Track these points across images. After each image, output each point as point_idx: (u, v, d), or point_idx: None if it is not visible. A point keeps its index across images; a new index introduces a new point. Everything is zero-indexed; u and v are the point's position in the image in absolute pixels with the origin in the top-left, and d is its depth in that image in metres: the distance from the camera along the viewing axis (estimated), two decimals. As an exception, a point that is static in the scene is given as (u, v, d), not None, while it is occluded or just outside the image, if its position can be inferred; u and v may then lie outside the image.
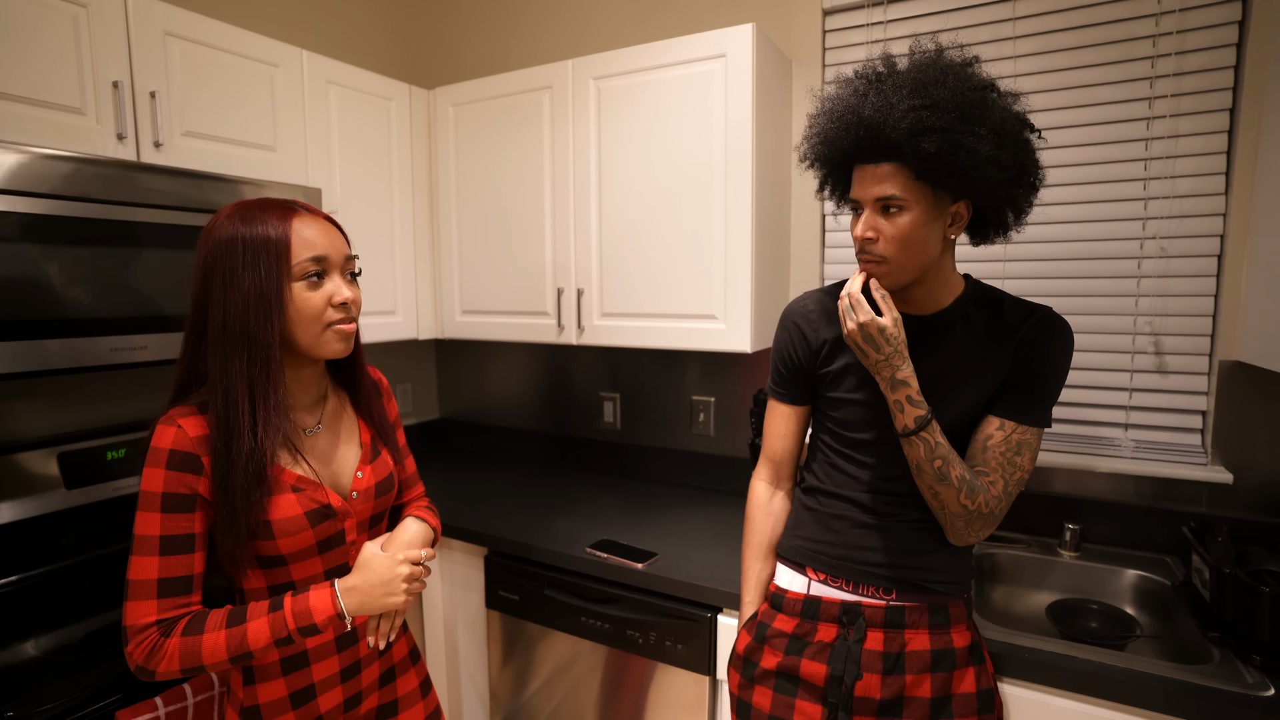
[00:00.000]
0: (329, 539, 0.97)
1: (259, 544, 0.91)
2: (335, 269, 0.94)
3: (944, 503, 1.00)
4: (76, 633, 1.23)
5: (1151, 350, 1.51)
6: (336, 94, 1.76)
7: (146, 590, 0.86)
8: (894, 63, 0.98)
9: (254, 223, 0.89)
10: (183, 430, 0.87)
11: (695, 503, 1.91)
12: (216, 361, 0.88)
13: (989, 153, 0.90)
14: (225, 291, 0.87)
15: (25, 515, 1.39)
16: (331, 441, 1.02)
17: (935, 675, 1.03)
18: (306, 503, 0.93)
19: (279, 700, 0.96)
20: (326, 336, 0.93)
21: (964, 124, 0.90)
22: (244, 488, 0.87)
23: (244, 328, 0.87)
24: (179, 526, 0.87)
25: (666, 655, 1.45)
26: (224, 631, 0.87)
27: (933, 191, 0.95)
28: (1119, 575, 1.47)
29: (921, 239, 0.97)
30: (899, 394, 0.98)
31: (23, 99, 1.20)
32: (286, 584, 0.95)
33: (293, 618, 0.88)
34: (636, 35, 2.01)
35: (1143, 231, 1.50)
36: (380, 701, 1.08)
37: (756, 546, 1.19)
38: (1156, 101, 1.45)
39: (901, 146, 0.92)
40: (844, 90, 1.00)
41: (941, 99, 0.91)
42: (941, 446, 0.98)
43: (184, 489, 0.87)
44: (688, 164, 1.63)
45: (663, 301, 1.71)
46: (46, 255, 1.17)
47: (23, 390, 1.47)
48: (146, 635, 0.85)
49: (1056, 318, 1.02)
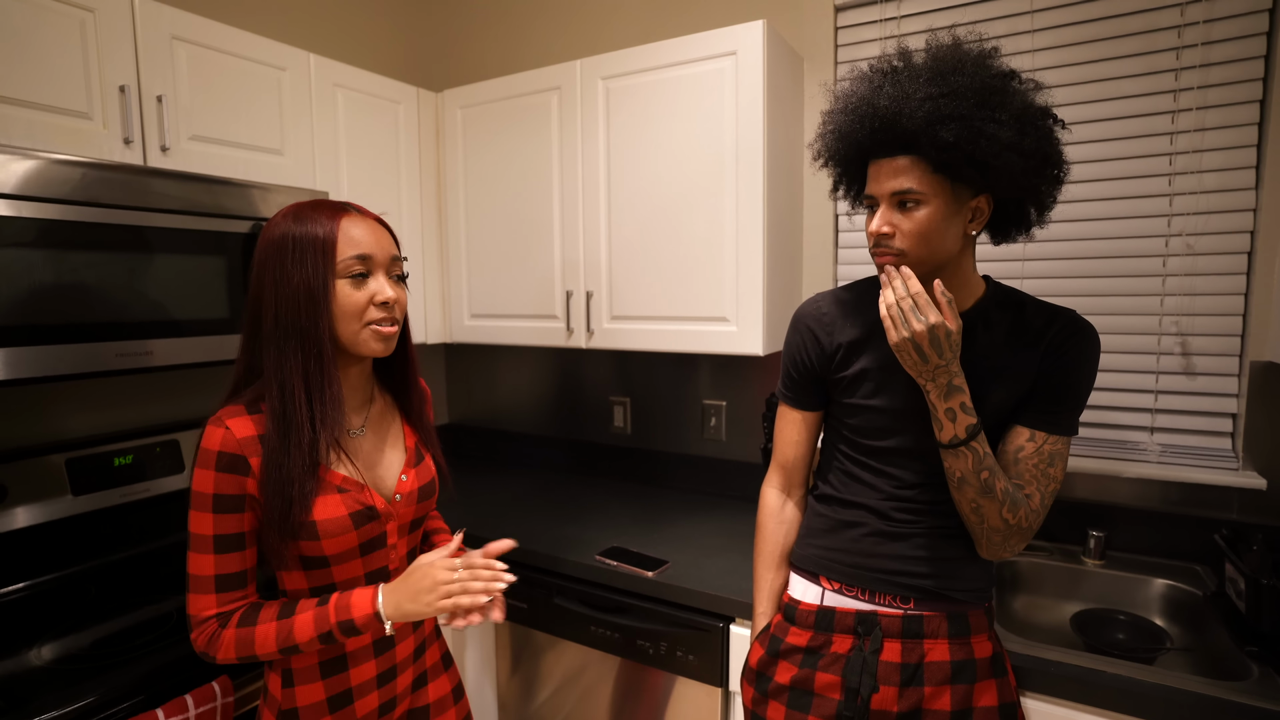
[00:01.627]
0: (371, 541, 0.98)
1: (303, 544, 0.92)
2: (380, 269, 0.95)
3: (984, 516, 0.96)
4: (84, 640, 1.22)
5: (1178, 351, 1.46)
6: (344, 97, 1.75)
7: (206, 585, 0.91)
8: (910, 55, 0.95)
9: (305, 221, 0.91)
10: (230, 432, 0.90)
11: (707, 509, 1.87)
12: (271, 356, 0.91)
13: (1010, 139, 0.86)
14: (277, 287, 0.90)
15: (33, 522, 1.38)
16: (376, 444, 1.03)
17: (955, 687, 0.99)
18: (351, 504, 0.94)
19: (317, 704, 0.97)
20: (365, 335, 0.94)
21: (983, 110, 0.86)
22: (300, 479, 0.89)
23: (295, 322, 0.90)
24: (230, 526, 0.91)
25: (678, 666, 1.42)
26: (274, 624, 0.90)
27: (952, 185, 0.91)
28: (1147, 584, 1.42)
29: (940, 234, 0.93)
30: (953, 401, 0.93)
31: (30, 104, 1.20)
32: (328, 585, 0.97)
33: (335, 612, 0.91)
34: (645, 34, 1.99)
35: (1168, 229, 1.45)
36: (413, 705, 1.08)
37: (768, 556, 1.16)
38: (1182, 94, 1.41)
39: (918, 137, 0.88)
40: (858, 83, 0.97)
41: (960, 86, 0.87)
42: (989, 457, 0.94)
43: (233, 489, 0.90)
44: (698, 164, 1.61)
45: (673, 304, 1.68)
46: (54, 260, 1.17)
47: (31, 396, 1.47)
48: (207, 625, 0.91)
49: (1082, 322, 0.98)
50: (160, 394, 1.68)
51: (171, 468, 1.60)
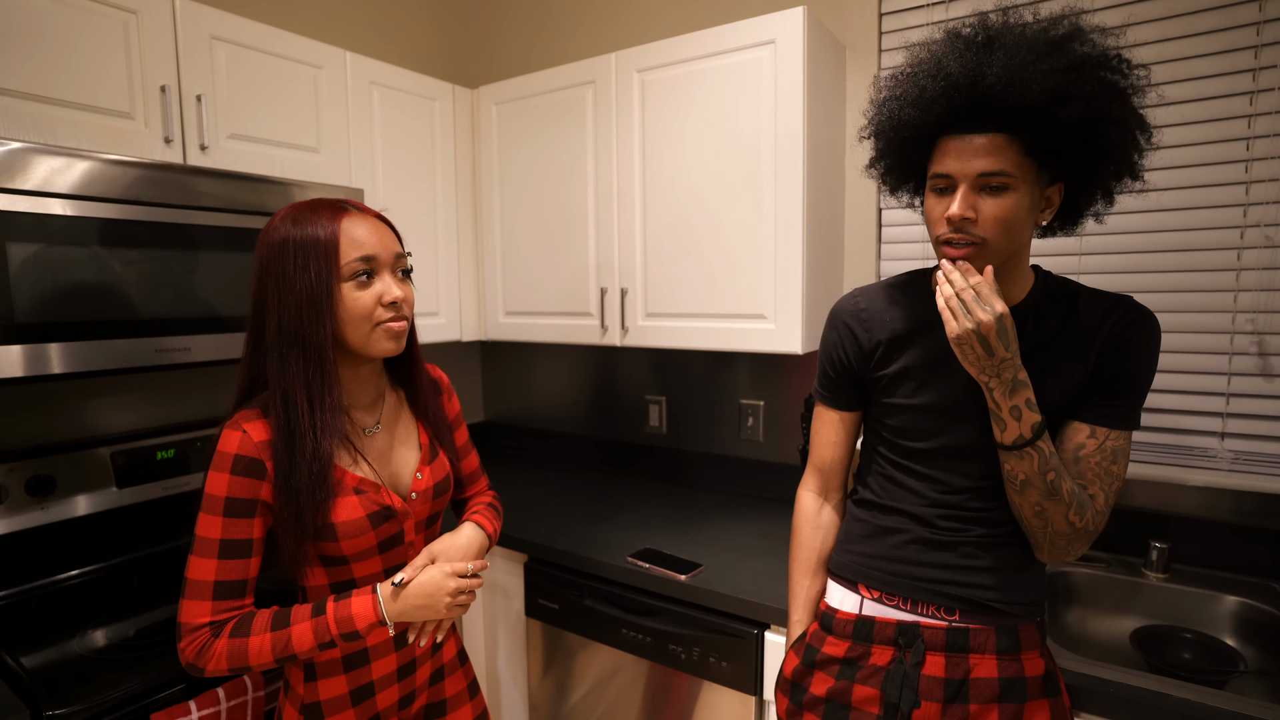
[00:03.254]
0: (389, 539, 0.98)
1: (323, 545, 0.93)
2: (385, 268, 0.93)
3: (1049, 520, 0.90)
4: (127, 629, 1.24)
5: (1254, 351, 1.36)
6: (380, 95, 1.76)
7: (203, 591, 0.88)
8: (1012, 23, 0.86)
9: (304, 224, 0.89)
10: (248, 435, 0.89)
11: (743, 511, 1.83)
12: (274, 365, 0.89)
13: (1133, 129, 0.81)
14: (279, 295, 0.88)
15: (80, 513, 1.42)
16: (390, 442, 1.03)
17: (1004, 707, 0.93)
18: (369, 505, 0.94)
19: (340, 697, 0.97)
20: (376, 335, 0.93)
21: (1111, 93, 0.80)
22: (309, 489, 0.88)
23: (298, 330, 0.88)
24: (239, 531, 0.89)
25: (711, 672, 1.38)
26: (269, 635, 0.88)
27: (1036, 170, 0.85)
28: (1216, 601, 1.32)
29: (1022, 224, 0.86)
30: (1018, 398, 0.87)
31: (74, 104, 1.23)
32: (348, 581, 0.97)
33: (335, 624, 0.89)
34: (681, 24, 1.95)
35: (1244, 219, 1.34)
36: (430, 700, 1.09)
37: (805, 562, 1.11)
38: (1262, 73, 1.30)
39: (1031, 113, 0.80)
40: (940, 46, 0.88)
41: (1083, 60, 0.80)
42: (1055, 457, 0.88)
43: (247, 494, 0.89)
44: (735, 157, 1.56)
45: (709, 301, 1.64)
46: (98, 258, 1.19)
47: (77, 390, 1.51)
48: (199, 635, 0.88)
49: (1141, 309, 0.91)
50: (199, 389, 1.71)
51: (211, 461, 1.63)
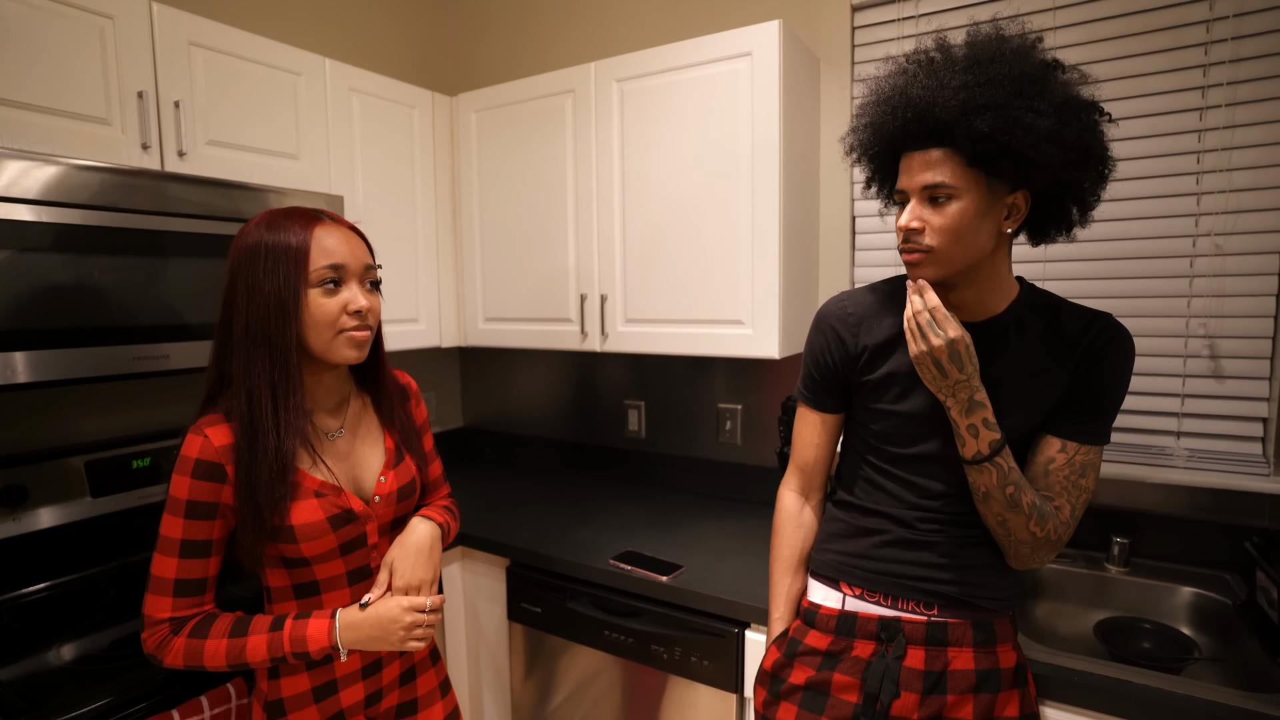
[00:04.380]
0: (351, 541, 1.00)
1: (282, 547, 0.94)
2: (353, 277, 0.96)
3: (1011, 529, 0.94)
4: (102, 641, 1.23)
5: (1206, 354, 1.43)
6: (359, 101, 1.76)
7: (164, 588, 0.92)
8: (948, 45, 0.91)
9: (278, 230, 0.92)
10: (209, 440, 0.91)
11: (722, 513, 1.86)
12: (240, 363, 0.92)
13: (1049, 129, 0.82)
14: (249, 296, 0.91)
15: (53, 523, 1.40)
16: (354, 446, 1.04)
17: (979, 697, 0.97)
18: (329, 508, 0.96)
19: (302, 694, 0.99)
20: (338, 342, 0.95)
21: (1021, 100, 0.83)
22: (268, 484, 0.90)
23: (265, 331, 0.91)
24: (199, 532, 0.92)
25: (692, 671, 1.40)
26: (225, 640, 0.92)
27: (987, 180, 0.88)
28: (1173, 593, 1.38)
29: (973, 230, 0.89)
30: (974, 418, 0.91)
31: (50, 110, 1.21)
32: (310, 584, 0.99)
33: (289, 642, 0.93)
34: (660, 35, 1.98)
35: (1195, 229, 1.41)
36: (401, 700, 1.10)
37: (786, 560, 1.14)
38: (1211, 90, 1.37)
39: (952, 127, 0.85)
40: (893, 74, 0.94)
41: (997, 74, 0.84)
42: (1014, 472, 0.92)
43: (208, 497, 0.92)
44: (713, 166, 1.59)
45: (688, 307, 1.67)
46: (73, 265, 1.18)
47: (51, 399, 1.49)
48: (159, 629, 0.92)
49: (1119, 327, 0.95)
50: (176, 397, 1.69)
51: (189, 470, 1.61)
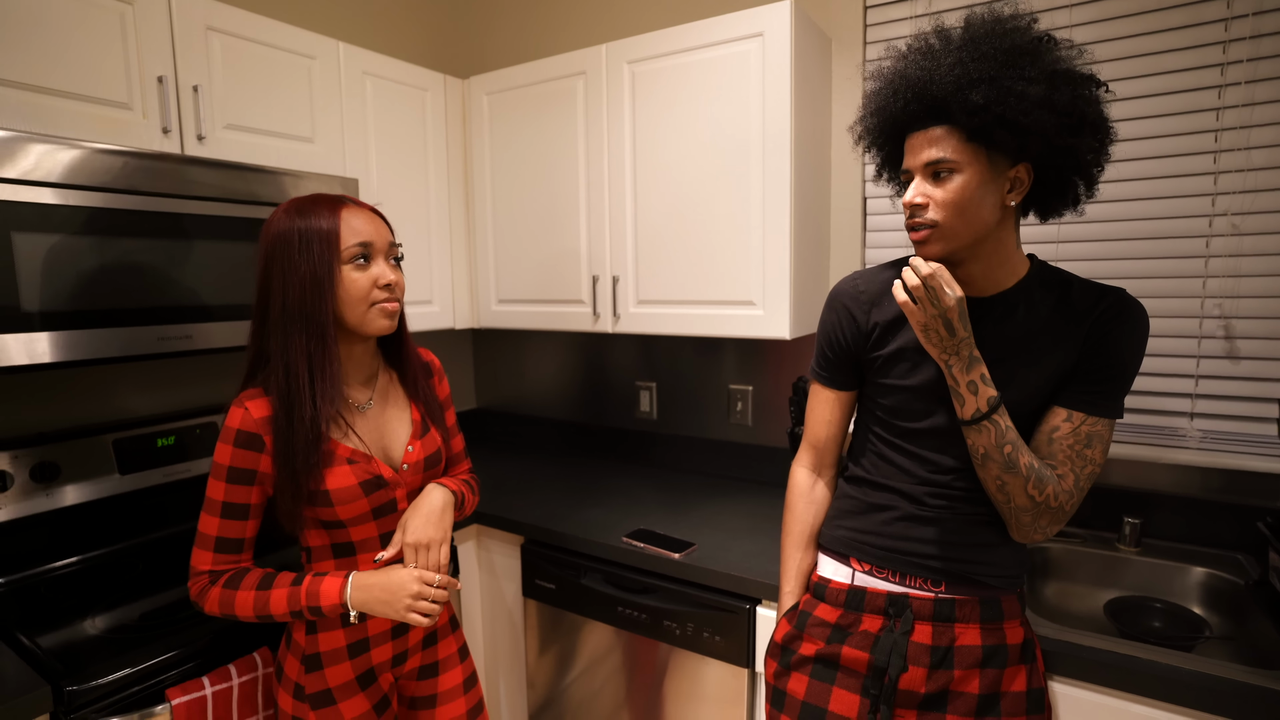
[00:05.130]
0: (382, 506, 1.08)
1: (319, 510, 1.02)
2: (380, 254, 1.04)
3: (1010, 494, 0.95)
4: (132, 613, 1.27)
5: (1221, 335, 1.42)
6: (372, 85, 1.77)
7: (207, 543, 1.03)
8: (946, 29, 0.94)
9: (308, 215, 0.99)
10: (248, 412, 1.00)
11: (732, 493, 1.88)
12: (278, 340, 0.99)
13: (1040, 96, 0.84)
14: (284, 277, 0.98)
15: (84, 499, 1.44)
16: (383, 417, 1.12)
17: (986, 671, 0.99)
18: (360, 474, 1.04)
19: (338, 649, 1.07)
20: (371, 314, 1.03)
21: (1012, 70, 0.85)
22: (304, 451, 0.98)
23: (301, 308, 0.98)
24: (239, 496, 1.02)
25: (704, 647, 1.43)
26: (253, 593, 1.01)
27: (988, 153, 0.90)
28: (1185, 573, 1.39)
29: (975, 203, 0.91)
30: (974, 373, 0.93)
31: (74, 95, 1.24)
32: (346, 543, 1.07)
33: (306, 597, 1.01)
34: (671, 16, 1.97)
35: (1212, 208, 1.40)
36: (423, 662, 1.17)
37: (798, 535, 1.16)
38: (1230, 68, 1.36)
39: (948, 103, 0.88)
40: (894, 60, 0.97)
41: (989, 49, 0.87)
42: (1011, 431, 0.93)
43: (247, 464, 1.00)
44: (724, 147, 1.60)
45: (700, 288, 1.68)
46: (99, 247, 1.20)
47: (79, 378, 1.53)
48: (200, 579, 1.03)
49: (1131, 301, 0.95)
50: (198, 377, 1.73)
51: (210, 449, 1.65)
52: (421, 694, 1.18)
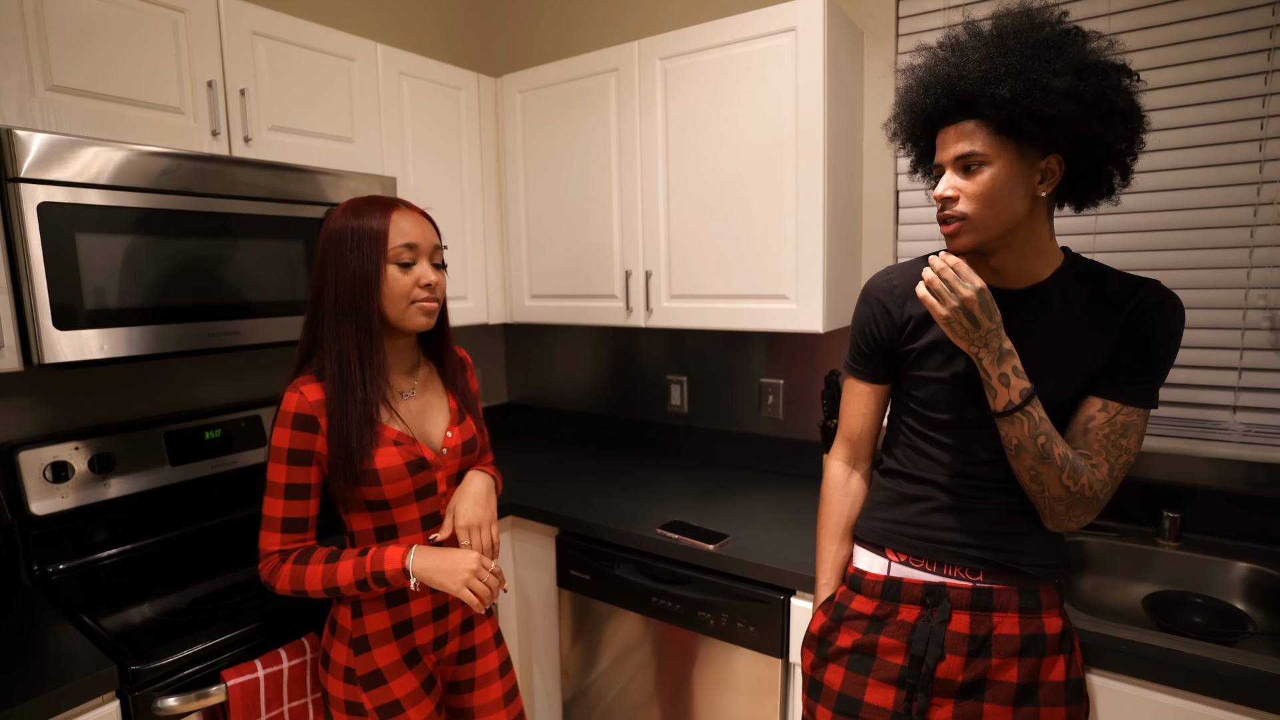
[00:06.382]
0: (424, 488, 1.14)
1: (366, 490, 1.07)
2: (424, 256, 1.10)
3: (1044, 484, 0.95)
4: (184, 598, 1.31)
5: (1266, 326, 1.40)
6: (409, 85, 1.81)
7: (274, 525, 1.08)
8: (974, 26, 0.95)
9: (361, 216, 1.06)
10: (304, 396, 1.06)
11: (765, 486, 1.89)
12: (330, 329, 1.06)
13: (1066, 87, 0.85)
14: (337, 272, 1.05)
15: (137, 489, 1.50)
16: (424, 405, 1.18)
17: (1024, 660, 0.99)
18: (405, 454, 1.09)
19: (384, 630, 1.12)
20: (411, 311, 1.09)
21: (1038, 63, 0.86)
22: (358, 431, 1.05)
23: (351, 301, 1.05)
24: (300, 476, 1.07)
25: (738, 637, 1.44)
26: (322, 566, 1.06)
27: (1018, 146, 0.91)
28: (1227, 568, 1.37)
29: (1005, 194, 0.92)
30: (1006, 366, 0.93)
31: (130, 100, 1.29)
32: (390, 526, 1.12)
33: (370, 563, 1.06)
34: (703, 12, 1.98)
35: (1257, 197, 1.38)
36: (462, 646, 1.22)
37: (833, 527, 1.17)
38: (1277, 53, 1.33)
39: (976, 97, 0.89)
40: (925, 57, 0.98)
41: (1016, 44, 0.88)
42: (1045, 422, 0.94)
43: (304, 445, 1.06)
44: (757, 142, 1.60)
45: (732, 282, 1.69)
46: (153, 246, 1.25)
47: (133, 373, 1.58)
48: (271, 559, 1.09)
49: (1166, 292, 0.95)
50: (242, 372, 1.78)
51: (254, 441, 1.70)
52: (462, 678, 1.22)
